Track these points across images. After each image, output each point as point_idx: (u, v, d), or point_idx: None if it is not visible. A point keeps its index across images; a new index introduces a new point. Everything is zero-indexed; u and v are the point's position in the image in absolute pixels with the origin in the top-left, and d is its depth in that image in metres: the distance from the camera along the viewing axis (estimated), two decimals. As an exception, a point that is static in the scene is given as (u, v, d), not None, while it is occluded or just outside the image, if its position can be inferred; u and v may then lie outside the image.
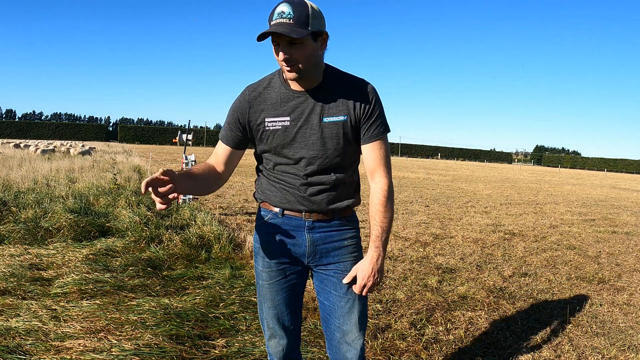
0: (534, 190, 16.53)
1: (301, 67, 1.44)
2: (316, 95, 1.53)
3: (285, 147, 1.56)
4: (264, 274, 1.69)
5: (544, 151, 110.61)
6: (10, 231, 4.62)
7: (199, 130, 66.75)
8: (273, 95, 1.56)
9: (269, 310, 1.72)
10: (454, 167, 38.74)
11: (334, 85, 1.54)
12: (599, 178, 34.15)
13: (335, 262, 1.65)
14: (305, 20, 1.39)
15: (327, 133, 1.53)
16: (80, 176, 9.72)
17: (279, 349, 1.75)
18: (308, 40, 1.42)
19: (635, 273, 4.95)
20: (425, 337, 2.96)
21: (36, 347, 2.37)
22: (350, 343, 1.64)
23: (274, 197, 1.63)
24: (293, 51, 1.41)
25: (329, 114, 1.53)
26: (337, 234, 1.64)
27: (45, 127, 64.98)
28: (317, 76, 1.53)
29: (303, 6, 1.39)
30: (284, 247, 1.65)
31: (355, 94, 1.53)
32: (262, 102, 1.57)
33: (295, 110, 1.53)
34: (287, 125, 1.54)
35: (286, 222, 1.63)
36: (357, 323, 1.64)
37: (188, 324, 2.78)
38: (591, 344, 3.02)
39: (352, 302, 1.63)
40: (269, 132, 1.56)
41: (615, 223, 8.78)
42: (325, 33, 1.49)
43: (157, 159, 20.97)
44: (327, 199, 1.60)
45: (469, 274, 4.52)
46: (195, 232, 4.87)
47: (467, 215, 8.67)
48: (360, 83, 1.56)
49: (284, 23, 1.38)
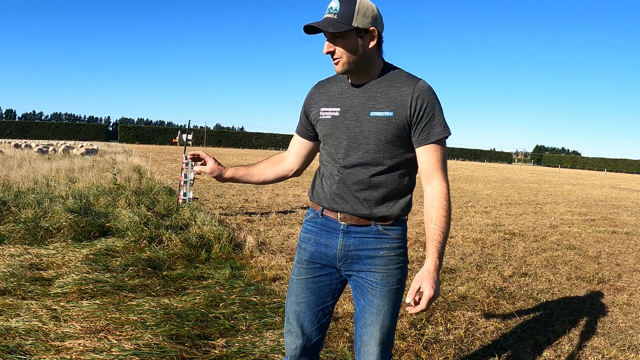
0: (534, 190, 16.52)
1: (345, 61, 1.48)
2: (369, 89, 1.55)
3: (331, 136, 1.59)
4: (296, 269, 1.71)
5: (544, 151, 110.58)
6: (10, 231, 4.62)
7: (199, 130, 66.73)
8: (333, 89, 1.63)
9: (291, 305, 1.69)
10: (454, 167, 38.73)
11: (388, 82, 1.54)
12: (599, 178, 34.14)
13: (367, 270, 1.59)
14: (350, 16, 1.44)
15: (372, 127, 1.52)
16: (80, 176, 9.72)
17: (293, 347, 1.70)
18: (351, 35, 1.46)
19: (635, 273, 4.95)
20: (425, 337, 2.96)
21: (36, 347, 2.37)
22: (367, 354, 1.61)
23: (318, 191, 1.66)
24: (336, 45, 1.48)
25: (377, 109, 1.52)
26: (373, 241, 1.57)
27: (45, 127, 64.95)
28: (371, 72, 1.55)
29: (351, 2, 1.45)
30: (318, 247, 1.65)
31: (408, 92, 1.50)
32: (323, 94, 1.65)
33: (346, 102, 1.57)
34: (336, 115, 1.58)
35: (324, 222, 1.64)
36: (377, 338, 1.58)
37: (188, 324, 2.78)
38: (591, 344, 3.02)
39: (376, 315, 1.58)
40: (320, 120, 1.63)
41: (615, 223, 8.78)
42: (373, 30, 1.49)
43: (157, 159, 20.96)
44: (363, 197, 1.55)
45: (469, 274, 4.52)
46: (195, 232, 4.87)
47: (467, 215, 8.67)
48: (415, 81, 1.52)
49: (329, 18, 1.46)
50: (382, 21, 1.53)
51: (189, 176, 7.07)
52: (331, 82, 1.65)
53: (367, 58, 1.52)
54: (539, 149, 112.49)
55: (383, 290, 1.58)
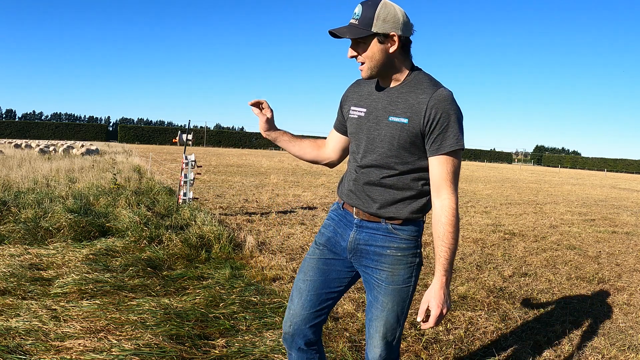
0: (534, 190, 16.52)
1: (368, 66, 1.52)
2: (392, 94, 1.57)
3: (355, 135, 1.65)
4: (311, 249, 1.78)
5: (544, 151, 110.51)
6: (10, 231, 4.62)
7: (199, 130, 66.73)
8: (365, 89, 1.68)
9: (298, 282, 1.74)
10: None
11: (411, 87, 1.54)
12: (599, 178, 34.14)
13: (373, 267, 1.63)
14: (369, 22, 1.46)
15: (388, 131, 1.55)
16: (80, 176, 9.72)
17: (288, 323, 1.73)
18: (371, 40, 1.49)
19: (635, 273, 4.95)
20: (425, 337, 2.96)
21: (36, 347, 2.36)
22: (372, 347, 1.66)
23: (341, 186, 1.75)
24: (358, 50, 1.52)
25: (395, 114, 1.54)
26: (382, 239, 1.61)
27: (45, 127, 64.93)
28: (396, 76, 1.57)
29: (372, 7, 1.47)
30: (335, 235, 1.72)
31: (424, 100, 1.49)
32: (356, 93, 1.70)
33: (372, 105, 1.61)
34: (362, 115, 1.63)
35: (343, 215, 1.71)
36: (381, 332, 1.63)
37: (188, 324, 2.78)
38: (591, 344, 3.02)
39: (380, 310, 1.63)
40: (350, 119, 1.68)
41: (615, 223, 8.78)
42: (393, 35, 1.48)
43: (157, 159, 20.96)
44: (373, 197, 1.59)
45: (469, 274, 4.52)
46: (195, 232, 4.87)
47: (467, 215, 8.67)
48: (435, 90, 1.49)
49: (352, 23, 1.50)
50: (407, 26, 1.52)
51: (189, 176, 7.07)
52: (365, 83, 1.70)
53: (391, 63, 1.53)
54: (539, 149, 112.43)
55: (388, 288, 1.60)
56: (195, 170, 7.23)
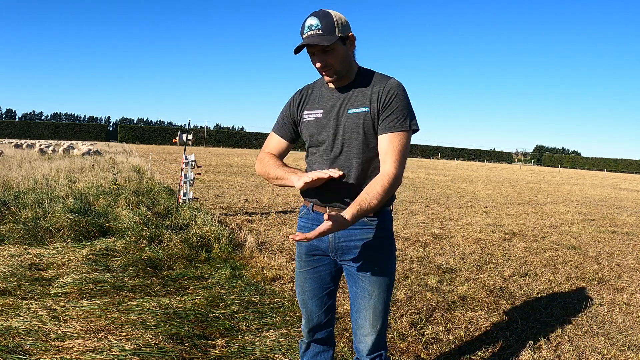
0: (534, 190, 16.52)
1: (336, 69, 1.62)
2: (346, 90, 1.69)
3: (316, 135, 1.71)
4: (297, 263, 1.88)
5: (544, 151, 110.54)
6: (10, 231, 4.62)
7: (199, 130, 66.69)
8: (314, 94, 1.77)
9: (299, 295, 1.89)
10: (454, 167, 38.73)
11: (362, 82, 1.68)
12: (599, 178, 34.14)
13: (356, 258, 1.71)
14: (332, 28, 1.57)
15: (351, 123, 1.64)
16: (80, 176, 9.72)
17: (306, 331, 1.92)
18: (338, 45, 1.59)
19: (635, 273, 4.95)
20: (425, 337, 2.96)
21: (36, 347, 2.37)
22: (363, 335, 1.76)
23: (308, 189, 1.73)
24: (327, 57, 1.60)
25: (354, 106, 1.65)
26: (360, 232, 1.69)
27: (45, 127, 64.87)
28: (350, 75, 1.69)
29: (328, 16, 1.58)
30: (312, 242, 1.76)
31: (378, 87, 1.63)
32: (305, 99, 1.79)
33: (328, 105, 1.71)
34: (319, 117, 1.71)
35: (315, 217, 1.74)
36: (371, 320, 1.73)
37: (188, 324, 2.78)
38: (591, 344, 3.02)
39: (368, 299, 1.72)
40: (304, 123, 1.75)
41: (615, 223, 8.78)
42: (351, 35, 1.64)
43: (157, 159, 20.96)
44: (347, 190, 1.63)
45: (469, 274, 4.52)
46: (195, 232, 4.87)
47: (467, 215, 8.67)
48: (385, 78, 1.66)
49: (314, 34, 1.57)
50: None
51: (189, 176, 7.07)
52: (310, 88, 1.79)
53: (350, 63, 1.67)
54: (539, 149, 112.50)
55: (372, 277, 1.71)
56: (195, 170, 7.23)
